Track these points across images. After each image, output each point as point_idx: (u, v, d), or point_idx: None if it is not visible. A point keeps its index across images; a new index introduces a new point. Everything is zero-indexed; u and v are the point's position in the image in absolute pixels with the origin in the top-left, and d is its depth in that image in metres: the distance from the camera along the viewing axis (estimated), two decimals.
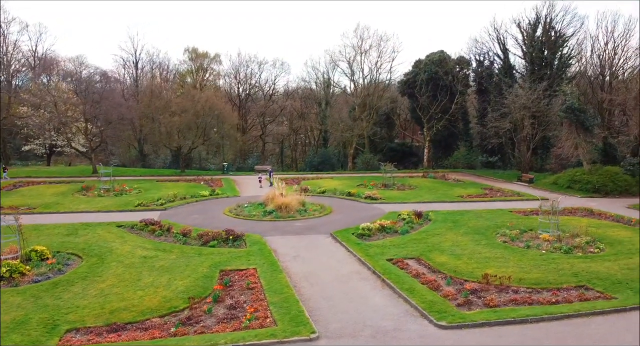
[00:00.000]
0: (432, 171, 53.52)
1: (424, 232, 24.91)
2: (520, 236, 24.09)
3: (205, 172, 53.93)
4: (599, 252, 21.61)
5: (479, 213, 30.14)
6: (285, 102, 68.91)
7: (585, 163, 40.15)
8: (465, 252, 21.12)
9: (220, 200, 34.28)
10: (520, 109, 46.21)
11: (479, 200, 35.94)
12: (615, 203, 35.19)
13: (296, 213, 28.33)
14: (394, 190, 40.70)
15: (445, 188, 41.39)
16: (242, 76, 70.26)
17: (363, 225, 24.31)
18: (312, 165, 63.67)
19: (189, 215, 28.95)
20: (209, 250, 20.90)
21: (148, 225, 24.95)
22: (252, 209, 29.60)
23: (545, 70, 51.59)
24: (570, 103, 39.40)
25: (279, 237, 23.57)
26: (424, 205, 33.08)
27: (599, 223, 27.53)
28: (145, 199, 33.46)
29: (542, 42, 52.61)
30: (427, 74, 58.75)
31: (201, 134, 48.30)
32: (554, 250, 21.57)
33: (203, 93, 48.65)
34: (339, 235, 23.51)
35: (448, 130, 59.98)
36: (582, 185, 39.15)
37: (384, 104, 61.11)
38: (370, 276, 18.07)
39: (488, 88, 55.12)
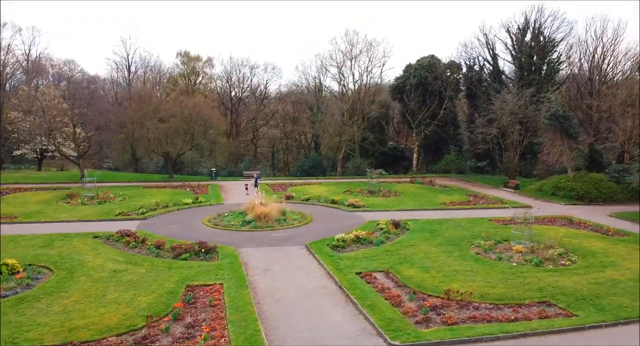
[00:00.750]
0: (420, 176, 53.56)
1: (399, 242, 24.97)
2: (494, 247, 24.13)
3: (194, 177, 54.02)
4: (570, 264, 21.66)
5: (458, 222, 30.21)
6: (277, 106, 68.96)
7: (570, 170, 40.19)
8: (435, 264, 21.17)
9: (202, 208, 34.34)
10: (508, 115, 46.24)
11: (461, 208, 36.00)
12: (597, 211, 35.24)
13: (275, 223, 28.41)
14: (379, 197, 40.75)
15: (430, 195, 41.44)
16: (234, 80, 70.44)
17: (338, 236, 24.38)
18: (303, 170, 63.71)
19: (168, 224, 29.02)
20: (179, 264, 20.97)
21: (124, 236, 25.01)
22: (232, 219, 29.66)
23: (534, 76, 51.66)
24: (554, 110, 39.45)
25: (254, 248, 23.63)
26: (406, 213, 33.21)
27: (577, 233, 27.59)
28: (127, 207, 33.54)
29: (531, 47, 52.68)
30: (417, 78, 58.85)
31: (189, 140, 48.35)
32: (524, 263, 21.62)
33: (191, 100, 48.65)
34: (313, 247, 23.57)
35: (438, 134, 60.05)
36: (566, 192, 39.19)
37: (374, 109, 61.07)
38: (336, 292, 18.12)
39: (477, 94, 55.18)
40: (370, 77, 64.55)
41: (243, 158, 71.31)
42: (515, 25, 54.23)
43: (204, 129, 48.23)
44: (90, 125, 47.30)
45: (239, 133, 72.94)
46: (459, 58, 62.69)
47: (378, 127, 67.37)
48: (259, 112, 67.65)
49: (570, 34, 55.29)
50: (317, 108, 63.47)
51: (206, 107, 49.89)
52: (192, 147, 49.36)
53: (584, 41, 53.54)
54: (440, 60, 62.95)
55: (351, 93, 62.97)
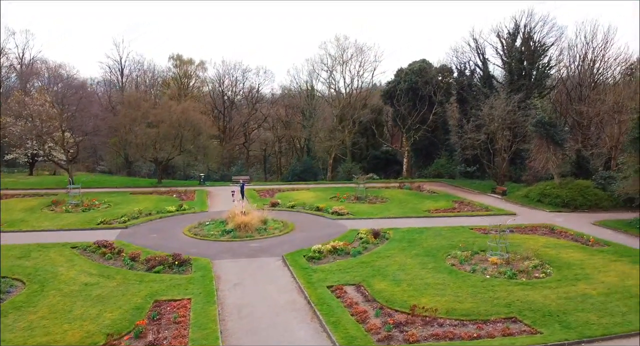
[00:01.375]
0: (409, 181, 53.54)
1: (376, 253, 24.95)
2: (470, 258, 24.11)
3: (183, 181, 54.02)
4: (544, 276, 21.63)
5: (439, 230, 30.18)
6: (269, 111, 68.95)
7: (556, 176, 40.14)
8: (407, 277, 21.15)
9: (185, 216, 34.33)
10: (496, 121, 46.22)
11: (444, 215, 35.97)
12: (582, 219, 35.20)
13: (255, 233, 28.37)
14: (365, 203, 40.72)
15: (416, 201, 41.43)
16: (226, 83, 70.45)
17: (314, 247, 24.35)
18: (294, 174, 63.66)
19: (148, 234, 29.02)
20: (151, 277, 20.95)
21: (100, 247, 25.02)
22: (212, 228, 29.63)
23: (524, 81, 51.62)
24: (540, 117, 39.43)
25: (229, 260, 23.61)
26: (389, 221, 33.24)
27: (556, 243, 27.55)
28: (110, 215, 33.56)
29: (521, 52, 52.65)
30: (407, 83, 58.86)
31: (178, 145, 48.36)
32: (498, 275, 21.60)
33: (180, 105, 48.64)
34: (289, 258, 23.55)
35: (429, 139, 60.04)
36: (551, 199, 39.14)
37: (364, 114, 61.07)
38: (304, 307, 18.10)
39: (467, 98, 55.14)
40: (362, 81, 64.69)
41: (236, 162, 71.38)
42: (506, 30, 54.28)
43: (192, 134, 48.12)
44: (78, 130, 47.22)
45: (232, 137, 72.96)
46: (450, 62, 62.80)
47: (370, 130, 67.45)
48: (251, 116, 67.61)
49: (561, 39, 55.41)
50: (309, 113, 63.40)
51: (195, 112, 49.86)
52: (181, 152, 49.30)
53: (574, 46, 53.66)
54: (431, 65, 62.95)
55: (342, 97, 62.93)
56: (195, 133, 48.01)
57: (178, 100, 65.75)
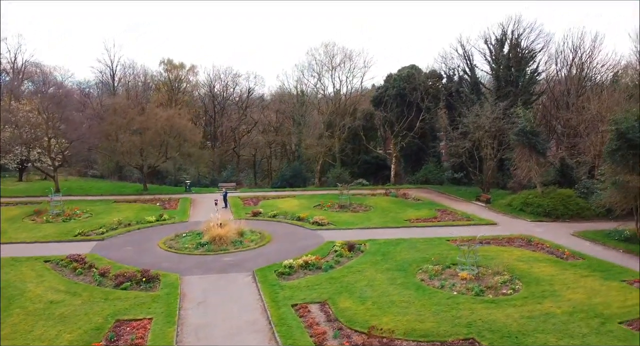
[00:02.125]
0: (396, 188, 53.58)
1: (348, 267, 24.95)
2: (440, 273, 24.10)
3: (169, 188, 53.91)
4: (511, 293, 21.63)
5: (415, 242, 30.18)
6: (260, 116, 68.96)
7: (538, 185, 40.12)
8: (374, 293, 21.14)
9: (164, 227, 34.32)
10: (480, 129, 46.22)
11: (424, 225, 35.98)
12: (562, 229, 35.21)
13: (230, 246, 28.33)
14: (348, 212, 40.73)
15: (399, 210, 41.44)
16: (217, 88, 70.46)
17: (286, 262, 24.33)
18: (284, 179, 63.72)
19: (123, 246, 29.02)
20: (117, 294, 20.94)
21: (72, 261, 25.03)
22: (188, 240, 29.63)
23: (511, 88, 51.62)
24: (522, 126, 39.40)
25: (199, 276, 23.59)
26: (368, 232, 33.32)
27: (530, 256, 27.54)
28: (89, 226, 33.58)
29: (509, 58, 52.68)
30: (396, 89, 58.84)
31: (163, 153, 48.37)
32: (465, 292, 21.60)
33: (165, 112, 48.65)
34: (259, 274, 23.54)
35: (417, 145, 59.98)
36: (533, 209, 39.14)
37: (351, 121, 61.04)
38: (264, 328, 18.09)
39: (455, 105, 55.13)
40: (351, 87, 64.74)
41: (227, 167, 71.40)
42: (493, 36, 54.32)
43: (178, 142, 48.14)
44: (64, 138, 47.21)
45: (224, 141, 72.92)
46: (439, 68, 62.81)
47: (363, 133, 67.22)
48: (241, 122, 67.64)
49: (548, 46, 55.43)
50: (299, 119, 63.39)
51: (181, 118, 49.85)
52: (166, 160, 49.32)
53: (561, 53, 53.69)
54: (421, 71, 62.92)
55: (331, 103, 62.93)
56: (180, 140, 47.98)
57: (168, 106, 65.93)
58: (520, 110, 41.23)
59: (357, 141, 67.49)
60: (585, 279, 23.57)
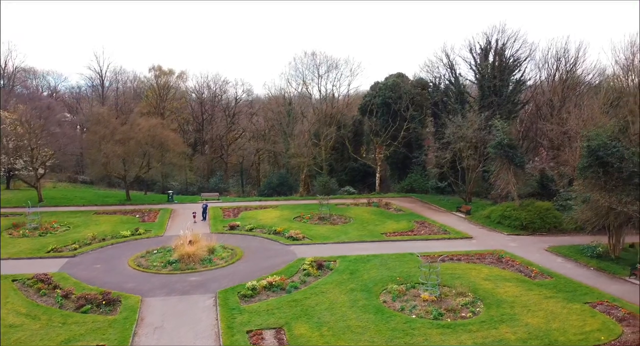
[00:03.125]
0: (380, 197, 53.60)
1: (312, 288, 24.96)
2: (404, 293, 24.15)
3: (152, 196, 53.75)
4: (470, 316, 21.65)
5: (387, 259, 30.20)
6: (248, 123, 68.97)
7: (516, 198, 40.11)
8: (332, 318, 21.16)
9: (138, 242, 34.32)
10: (462, 139, 46.22)
11: (399, 239, 36.02)
12: (536, 244, 35.21)
13: (198, 264, 28.33)
14: (327, 224, 40.74)
15: (379, 222, 41.46)
16: (205, 95, 70.42)
17: (249, 284, 24.34)
18: (270, 187, 63.74)
19: (93, 264, 29.05)
20: (76, 318, 20.97)
21: (38, 281, 25.09)
22: (158, 258, 29.63)
23: (495, 97, 51.54)
24: (500, 139, 39.39)
25: (161, 298, 23.61)
26: (342, 247, 33.37)
27: (498, 275, 27.55)
28: (64, 241, 33.61)
29: (493, 68, 52.57)
30: (381, 98, 58.76)
31: (146, 163, 48.43)
32: (424, 315, 21.63)
33: (147, 122, 48.67)
34: (221, 296, 23.55)
35: (403, 153, 59.87)
36: (511, 222, 39.13)
37: (336, 130, 60.95)
38: None
39: (440, 114, 55.05)
40: (339, 94, 64.73)
41: (215, 173, 71.39)
42: (478, 46, 54.22)
43: (160, 152, 48.18)
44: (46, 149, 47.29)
45: (212, 148, 72.91)
46: (426, 76, 62.69)
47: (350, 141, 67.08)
48: (229, 129, 67.69)
49: (532, 56, 55.34)
50: (285, 127, 63.29)
51: (163, 129, 49.89)
52: (148, 170, 49.38)
53: (545, 63, 53.67)
54: (407, 79, 62.88)
55: (317, 111, 62.91)
56: (162, 150, 48.02)
57: (156, 113, 66.03)
58: (498, 122, 41.20)
59: (344, 148, 67.46)
60: (548, 301, 23.58)
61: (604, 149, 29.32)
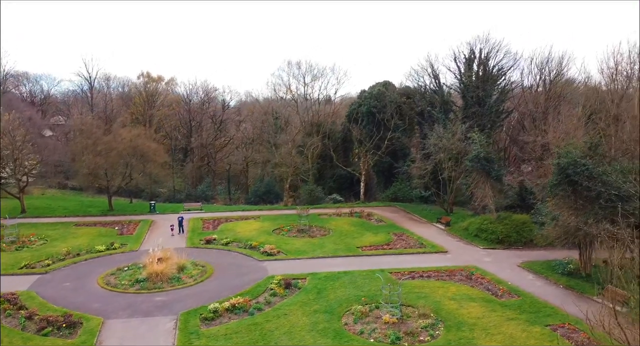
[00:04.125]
0: (364, 206, 53.74)
1: (276, 309, 25.02)
2: (367, 315, 24.22)
3: (136, 206, 53.63)
4: (429, 340, 21.72)
5: (357, 276, 30.24)
6: (235, 131, 69.01)
7: (493, 211, 40.16)
8: (290, 343, 21.22)
9: (112, 257, 34.41)
10: (442, 150, 46.28)
11: (374, 254, 36.09)
12: (510, 259, 35.25)
13: (166, 283, 28.37)
14: (305, 237, 40.82)
15: (357, 234, 41.54)
16: (192, 102, 70.52)
17: (212, 306, 24.39)
18: (257, 195, 63.88)
19: (63, 282, 29.16)
20: (35, 341, 21.06)
21: (5, 301, 25.20)
22: (127, 276, 29.67)
23: (478, 108, 51.54)
24: (476, 152, 39.45)
25: (123, 320, 23.68)
26: (315, 262, 33.45)
27: (465, 294, 27.58)
28: (38, 257, 33.74)
29: (476, 78, 52.53)
30: (366, 107, 58.81)
31: (128, 174, 48.55)
32: (383, 339, 21.69)
33: (129, 133, 48.78)
34: (182, 319, 23.62)
35: (388, 162, 59.89)
36: (487, 235, 39.18)
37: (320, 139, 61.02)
38: None
39: (424, 124, 55.07)
40: (324, 103, 64.78)
41: (203, 180, 71.47)
42: (462, 55, 54.21)
43: (141, 163, 48.29)
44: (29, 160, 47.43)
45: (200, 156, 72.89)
46: (412, 85, 62.71)
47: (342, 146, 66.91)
48: (217, 137, 67.80)
49: (516, 66, 55.42)
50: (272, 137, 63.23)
51: (145, 139, 49.99)
52: (130, 181, 49.51)
53: (529, 73, 53.73)
54: (394, 87, 62.94)
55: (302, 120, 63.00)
56: (143, 161, 48.13)
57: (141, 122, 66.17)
58: (476, 135, 41.26)
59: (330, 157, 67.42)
60: (509, 323, 23.63)
61: (574, 167, 29.38)
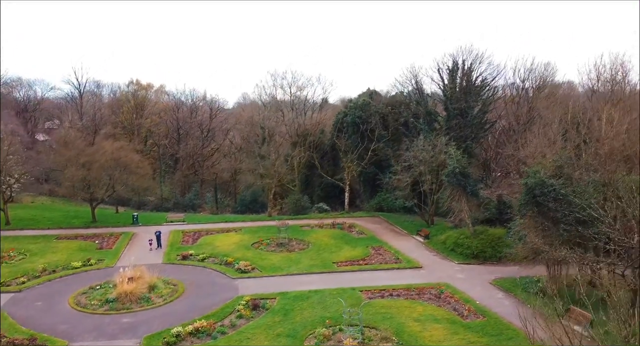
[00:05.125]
0: (348, 216, 54.02)
1: (240, 333, 25.26)
2: (328, 339, 24.46)
3: (119, 217, 53.71)
4: None
5: (327, 295, 30.50)
6: (223, 140, 69.29)
7: (470, 226, 40.39)
8: None
9: (87, 274, 34.67)
10: (422, 163, 46.50)
11: (349, 270, 36.37)
12: (482, 275, 35.47)
13: (135, 304, 28.62)
14: (283, 251, 41.06)
15: (335, 248, 41.79)
16: (181, 111, 70.81)
17: (174, 330, 24.58)
18: (243, 204, 64.16)
19: (35, 301, 29.49)
20: None
21: None
22: (98, 295, 29.90)
23: (460, 119, 51.65)
24: (452, 168, 39.66)
25: (88, 343, 23.94)
26: (288, 280, 33.74)
27: (431, 315, 27.78)
28: (15, 273, 34.09)
29: (459, 90, 52.60)
30: (351, 117, 58.98)
31: (110, 187, 48.88)
32: None
33: (112, 145, 49.09)
34: (144, 344, 23.89)
35: (374, 172, 59.98)
36: (463, 250, 39.43)
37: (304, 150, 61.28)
38: None
39: (407, 135, 55.13)
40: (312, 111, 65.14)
41: (191, 189, 71.73)
42: (445, 67, 54.28)
43: (124, 175, 48.62)
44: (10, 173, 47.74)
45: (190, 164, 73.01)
46: (397, 95, 62.75)
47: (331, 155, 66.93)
48: (203, 146, 68.12)
49: (500, 77, 55.55)
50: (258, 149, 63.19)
51: (129, 151, 50.31)
52: (112, 193, 49.86)
53: (510, 86, 53.92)
54: (380, 96, 63.12)
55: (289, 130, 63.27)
56: (126, 173, 48.47)
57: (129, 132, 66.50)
58: (452, 150, 41.47)
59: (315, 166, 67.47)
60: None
61: (540, 188, 29.62)
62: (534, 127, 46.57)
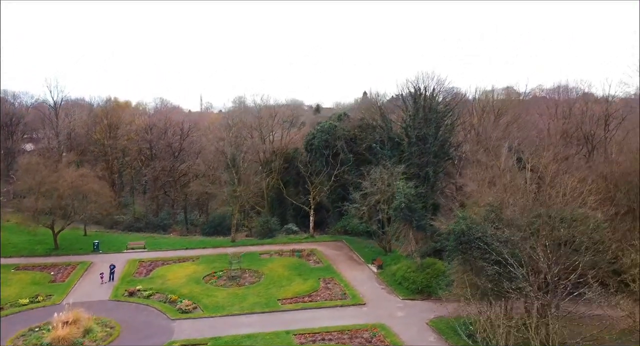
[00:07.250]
0: (312, 241, 54.55)
1: None
2: None
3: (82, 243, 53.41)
4: None
5: (259, 340, 31.17)
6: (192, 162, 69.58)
7: (418, 258, 40.73)
8: None
9: (32, 312, 35.14)
10: (378, 192, 46.90)
11: (292, 308, 36.85)
12: (422, 313, 35.83)
13: None
14: (233, 285, 41.46)
15: (286, 281, 42.18)
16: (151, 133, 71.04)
17: None
18: (212, 226, 64.57)
19: None
20: None
21: None
22: (34, 339, 30.33)
23: (421, 144, 51.86)
24: (398, 202, 40.07)
25: None
26: (228, 321, 34.37)
27: None
28: None
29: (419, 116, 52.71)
30: (318, 140, 59.36)
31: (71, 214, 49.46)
32: None
33: (70, 174, 49.56)
34: None
35: (342, 194, 60.26)
36: (409, 284, 39.78)
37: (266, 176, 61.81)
38: None
39: (370, 161, 55.40)
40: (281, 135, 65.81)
41: (161, 209, 72.13)
42: (407, 92, 54.51)
43: (84, 204, 49.22)
44: None
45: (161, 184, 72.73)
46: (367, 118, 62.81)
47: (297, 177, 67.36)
48: (174, 168, 68.52)
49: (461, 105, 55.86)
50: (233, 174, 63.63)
51: (89, 179, 50.82)
52: (71, 223, 50.50)
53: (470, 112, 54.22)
54: (349, 119, 63.35)
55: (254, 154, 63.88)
56: (85, 202, 49.07)
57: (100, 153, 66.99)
58: (401, 183, 41.87)
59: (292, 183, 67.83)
60: None
61: (468, 235, 29.97)
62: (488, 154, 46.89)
